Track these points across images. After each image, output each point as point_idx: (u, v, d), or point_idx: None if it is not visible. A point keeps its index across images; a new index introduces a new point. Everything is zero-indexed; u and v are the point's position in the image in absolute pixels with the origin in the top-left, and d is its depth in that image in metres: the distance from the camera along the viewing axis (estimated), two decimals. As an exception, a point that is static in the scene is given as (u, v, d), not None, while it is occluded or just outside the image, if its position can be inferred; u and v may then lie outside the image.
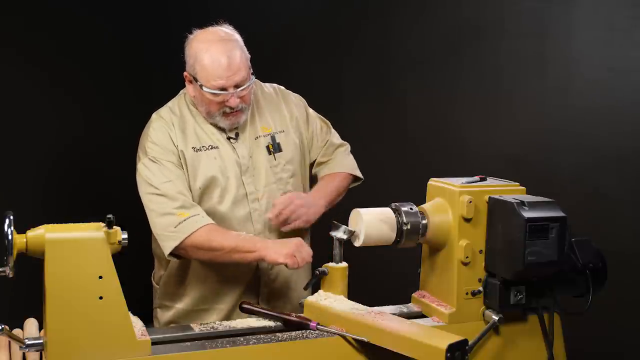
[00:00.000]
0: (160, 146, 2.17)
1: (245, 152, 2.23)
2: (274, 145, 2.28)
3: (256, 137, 2.27)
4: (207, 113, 2.20)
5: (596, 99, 2.72)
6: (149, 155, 2.16)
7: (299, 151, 2.34)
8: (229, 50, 2.13)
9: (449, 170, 2.08)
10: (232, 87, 2.12)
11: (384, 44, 3.69)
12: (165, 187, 2.11)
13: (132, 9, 4.38)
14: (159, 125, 2.21)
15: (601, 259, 1.90)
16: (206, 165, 2.18)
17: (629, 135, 2.60)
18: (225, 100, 2.14)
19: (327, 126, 2.50)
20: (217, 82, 2.11)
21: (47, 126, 4.01)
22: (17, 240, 1.49)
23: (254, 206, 2.22)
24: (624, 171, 2.62)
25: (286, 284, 2.32)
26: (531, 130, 2.96)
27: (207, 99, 2.15)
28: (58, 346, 1.51)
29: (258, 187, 2.23)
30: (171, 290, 2.30)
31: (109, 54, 4.34)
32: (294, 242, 2.06)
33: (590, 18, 2.74)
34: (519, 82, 3.02)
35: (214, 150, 2.20)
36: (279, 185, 2.27)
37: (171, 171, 2.14)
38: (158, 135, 2.18)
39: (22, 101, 3.89)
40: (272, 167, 2.26)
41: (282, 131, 2.32)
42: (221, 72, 2.10)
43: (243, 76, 2.14)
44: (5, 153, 3.77)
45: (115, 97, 4.34)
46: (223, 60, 2.11)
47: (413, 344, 1.61)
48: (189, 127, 2.22)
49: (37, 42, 3.92)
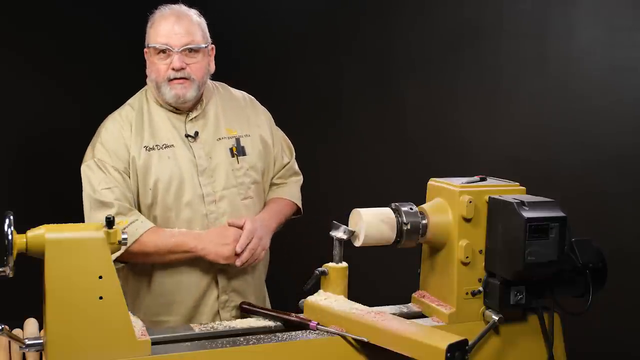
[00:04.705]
0: (109, 150, 2.14)
1: (202, 152, 2.19)
2: (237, 148, 2.24)
3: (219, 139, 2.23)
4: (155, 85, 2.17)
5: (596, 99, 2.72)
6: (95, 156, 2.15)
7: (262, 161, 2.30)
8: (181, 16, 2.17)
9: (449, 170, 2.08)
10: (177, 47, 2.12)
11: (384, 43, 3.69)
12: (103, 194, 2.09)
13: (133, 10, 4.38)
14: (113, 126, 2.19)
15: (601, 259, 1.90)
16: (158, 165, 2.14)
17: (629, 135, 2.60)
18: (170, 63, 2.13)
19: (290, 150, 2.48)
20: (161, 39, 2.13)
21: (47, 126, 4.01)
22: (17, 240, 1.49)
23: (210, 208, 2.17)
24: (625, 171, 2.62)
25: (245, 282, 2.27)
26: (531, 130, 2.96)
27: (154, 65, 2.16)
28: (58, 346, 1.51)
29: (216, 189, 2.18)
30: (162, 302, 2.21)
31: (110, 54, 4.34)
32: (232, 238, 2.02)
33: (590, 18, 2.74)
34: (519, 82, 3.02)
35: (168, 150, 2.16)
36: (240, 189, 2.22)
37: (113, 177, 2.11)
38: (109, 138, 2.16)
39: (22, 101, 3.89)
40: (233, 170, 2.22)
41: (247, 135, 2.28)
42: (167, 30, 2.13)
43: (191, 39, 2.14)
44: (5, 153, 3.78)
45: (116, 97, 4.32)
46: (171, 18, 2.16)
47: (413, 344, 1.61)
48: (145, 123, 2.19)
49: (37, 42, 3.92)
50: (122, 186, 2.12)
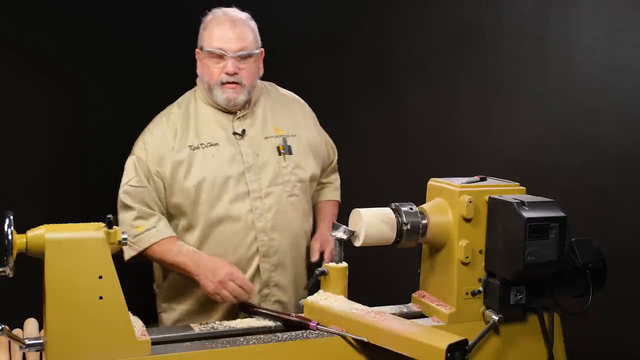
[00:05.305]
0: (149, 151, 2.19)
1: (249, 149, 2.23)
2: (284, 147, 2.29)
3: (266, 137, 2.28)
4: (207, 87, 2.23)
5: (596, 99, 2.71)
6: (135, 153, 2.21)
7: (309, 160, 2.34)
8: (234, 18, 2.22)
9: (449, 171, 2.08)
10: (232, 52, 2.17)
11: (385, 44, 3.69)
12: (129, 191, 2.18)
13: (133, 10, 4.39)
14: (159, 128, 2.24)
15: (601, 259, 1.90)
16: (202, 163, 2.18)
17: (630, 136, 2.60)
18: (224, 67, 2.17)
19: (334, 149, 2.55)
20: (217, 43, 2.18)
21: (47, 126, 4.01)
22: (17, 240, 1.49)
23: (255, 204, 2.21)
24: (625, 171, 2.62)
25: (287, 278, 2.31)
26: (531, 131, 2.96)
27: (208, 69, 2.20)
28: (58, 346, 1.51)
29: (262, 186, 2.23)
30: (174, 293, 2.30)
31: (110, 54, 4.34)
32: (218, 279, 2.08)
33: (590, 19, 2.74)
34: (519, 82, 3.02)
35: (212, 148, 2.21)
36: (286, 187, 2.26)
37: (143, 179, 2.18)
38: (151, 140, 2.21)
39: (22, 101, 3.89)
40: (280, 168, 2.26)
41: (294, 135, 2.33)
42: (223, 35, 2.18)
43: (245, 45, 2.19)
44: (5, 153, 3.78)
45: (116, 97, 4.34)
46: (227, 23, 2.20)
47: (413, 344, 1.61)
48: (191, 122, 2.24)
49: (37, 42, 3.92)
50: (151, 188, 2.18)
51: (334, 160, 2.55)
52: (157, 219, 2.18)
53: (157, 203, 2.19)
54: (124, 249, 2.15)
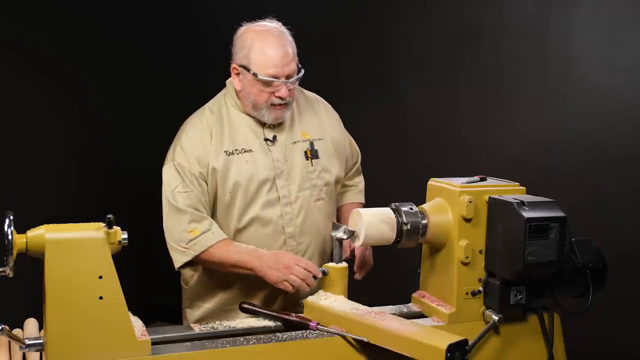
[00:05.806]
0: (188, 154, 2.18)
1: (280, 155, 2.23)
2: (312, 152, 2.29)
3: (294, 142, 2.28)
4: (253, 105, 2.20)
5: (597, 100, 2.72)
6: (175, 159, 2.19)
7: (334, 163, 2.34)
8: (283, 41, 2.19)
9: (449, 171, 2.08)
10: (284, 77, 2.16)
11: (385, 44, 3.69)
12: (178, 197, 2.15)
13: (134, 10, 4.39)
14: (192, 132, 2.22)
15: (601, 259, 1.90)
16: (237, 169, 2.18)
17: (630, 136, 2.60)
18: (276, 91, 2.16)
19: (357, 152, 2.55)
20: (271, 70, 2.14)
21: (46, 126, 4.01)
22: (17, 240, 1.49)
23: (285, 210, 2.22)
24: (624, 171, 2.62)
25: None
26: (531, 131, 2.96)
27: (257, 90, 2.17)
28: (58, 346, 1.51)
29: (291, 191, 2.23)
30: (201, 291, 2.30)
31: (110, 54, 4.34)
32: (283, 265, 2.06)
33: (591, 19, 2.74)
34: (519, 82, 3.02)
35: (247, 154, 2.21)
36: (313, 191, 2.27)
37: (190, 182, 2.16)
38: (188, 143, 2.20)
39: (22, 101, 3.89)
40: (307, 173, 2.26)
41: (320, 139, 2.33)
42: (276, 61, 2.15)
43: (294, 68, 2.19)
44: (5, 153, 3.78)
45: (115, 98, 4.34)
46: (279, 49, 2.16)
47: (413, 344, 1.61)
48: (225, 127, 2.23)
49: (37, 42, 3.92)
50: (198, 191, 2.17)
51: (357, 162, 2.54)
52: (209, 222, 2.17)
53: (205, 206, 2.18)
54: (173, 257, 2.14)
